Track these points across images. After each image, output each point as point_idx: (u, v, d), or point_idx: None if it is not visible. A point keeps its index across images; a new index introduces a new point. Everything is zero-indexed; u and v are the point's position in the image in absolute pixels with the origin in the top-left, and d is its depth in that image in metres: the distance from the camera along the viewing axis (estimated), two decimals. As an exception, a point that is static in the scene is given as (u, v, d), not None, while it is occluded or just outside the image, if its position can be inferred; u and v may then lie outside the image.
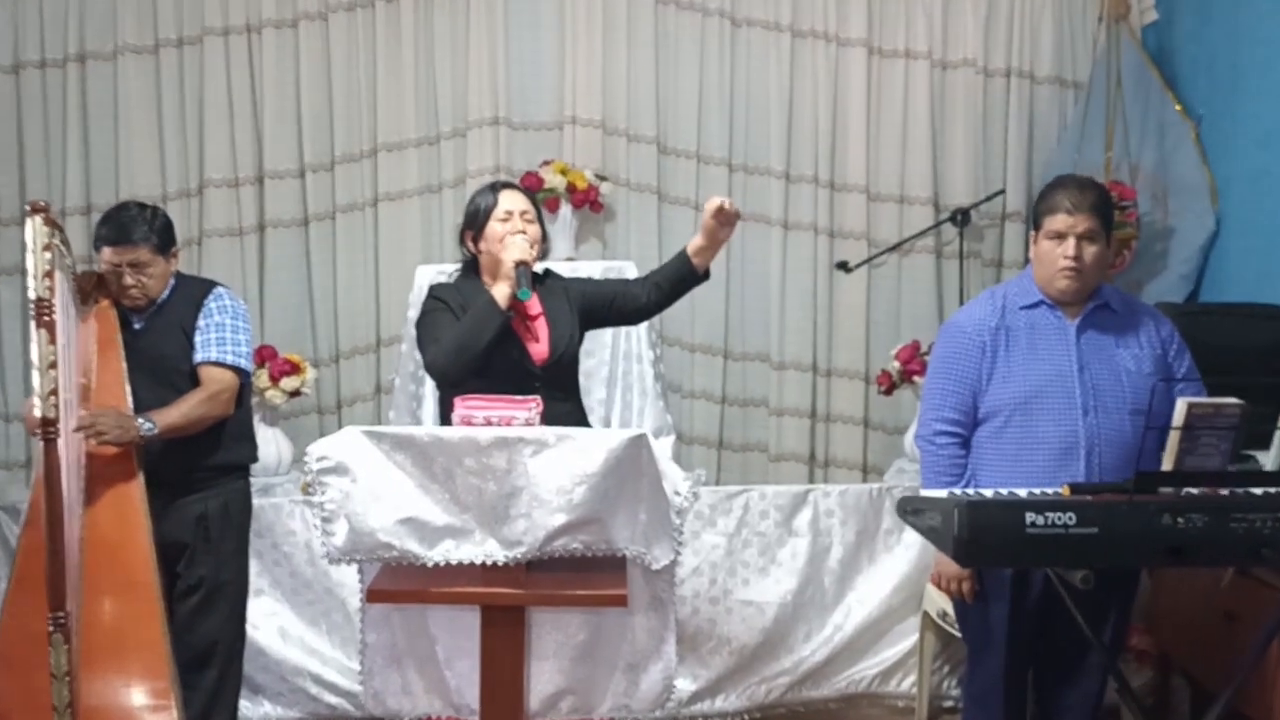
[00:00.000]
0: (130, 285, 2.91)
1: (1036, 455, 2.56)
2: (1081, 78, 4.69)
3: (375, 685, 2.46)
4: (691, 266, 2.81)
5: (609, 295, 2.90)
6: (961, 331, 2.68)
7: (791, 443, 4.80)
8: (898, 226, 4.75)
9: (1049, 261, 2.59)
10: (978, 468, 2.65)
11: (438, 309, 2.78)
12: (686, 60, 4.71)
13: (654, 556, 2.25)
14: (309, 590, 3.60)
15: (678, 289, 2.85)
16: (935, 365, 2.74)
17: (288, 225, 4.68)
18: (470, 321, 2.68)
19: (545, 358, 2.78)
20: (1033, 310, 2.65)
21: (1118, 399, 2.55)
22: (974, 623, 2.72)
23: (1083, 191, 2.55)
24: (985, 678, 2.71)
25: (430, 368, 2.76)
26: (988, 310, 2.68)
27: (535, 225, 2.82)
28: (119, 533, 2.73)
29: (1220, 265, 4.19)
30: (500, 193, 2.85)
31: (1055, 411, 2.56)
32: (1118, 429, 2.54)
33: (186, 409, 2.83)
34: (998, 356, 2.62)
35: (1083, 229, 2.54)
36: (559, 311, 2.84)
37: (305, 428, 4.61)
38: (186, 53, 4.60)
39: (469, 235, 2.87)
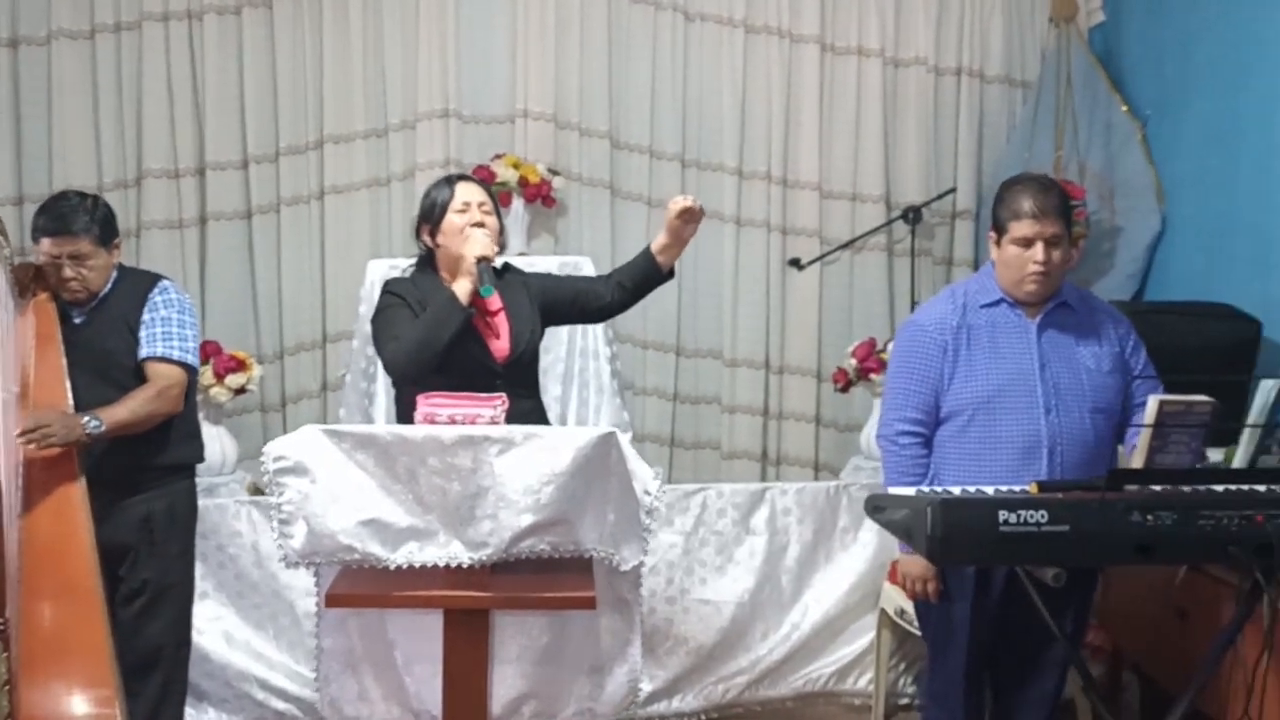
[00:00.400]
0: (70, 278, 2.79)
1: (999, 454, 2.56)
2: (1030, 77, 4.74)
3: (331, 692, 2.40)
4: (656, 265, 2.77)
5: (571, 293, 2.84)
6: (923, 330, 2.66)
7: (744, 440, 4.79)
8: (850, 224, 4.75)
9: (1016, 266, 2.58)
10: (940, 467, 2.63)
11: (395, 305, 2.69)
12: (639, 54, 4.67)
13: (623, 557, 2.22)
14: (255, 593, 3.50)
15: (642, 288, 2.81)
16: (896, 364, 2.72)
17: (230, 218, 4.56)
18: (431, 318, 2.60)
19: (507, 355, 2.72)
20: (993, 309, 2.64)
21: (1078, 397, 2.56)
22: (935, 622, 2.71)
23: (1046, 194, 2.55)
24: (946, 676, 2.69)
25: (389, 365, 2.68)
26: (948, 309, 2.67)
27: (493, 217, 2.75)
28: (59, 535, 2.61)
29: (1166, 264, 4.25)
30: (456, 185, 2.77)
31: (1017, 410, 2.56)
32: (1079, 427, 2.55)
33: (134, 405, 2.72)
34: (959, 355, 2.61)
35: (1050, 234, 2.54)
36: (519, 307, 2.77)
37: (248, 426, 4.49)
38: (124, 38, 4.45)
39: (425, 229, 2.79)
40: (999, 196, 2.65)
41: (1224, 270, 3.85)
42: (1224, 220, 3.88)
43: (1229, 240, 3.84)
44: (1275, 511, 2.09)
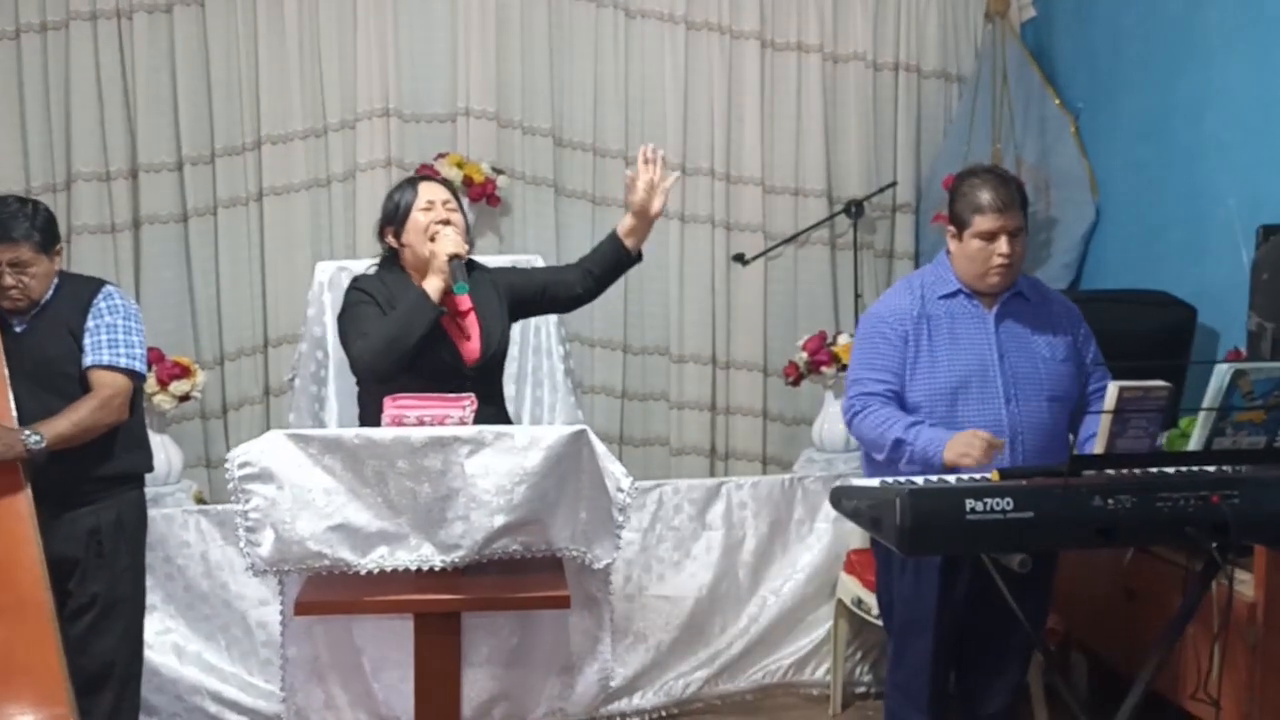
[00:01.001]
0: (10, 286, 2.71)
1: None
2: (965, 72, 4.81)
3: (297, 701, 2.36)
4: (624, 248, 2.77)
5: (540, 284, 2.82)
6: (883, 321, 2.69)
7: (692, 436, 4.80)
8: (793, 218, 4.78)
9: (980, 259, 2.60)
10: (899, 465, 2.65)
11: (363, 302, 2.65)
12: (581, 51, 4.65)
13: (595, 556, 2.21)
14: (205, 604, 3.42)
15: (611, 273, 2.80)
16: (858, 354, 2.74)
17: (165, 221, 4.44)
18: (401, 316, 2.57)
19: (477, 356, 2.68)
20: (951, 300, 2.68)
21: (1036, 386, 2.61)
22: (901, 612, 2.73)
23: (1006, 187, 2.59)
24: (911, 667, 2.72)
25: (357, 363, 2.63)
26: (907, 300, 2.69)
27: (459, 214, 2.72)
28: (5, 550, 2.55)
29: (1100, 254, 4.36)
30: (419, 185, 2.76)
31: (979, 401, 2.60)
32: (1038, 416, 2.60)
33: (77, 418, 2.65)
34: (920, 346, 2.64)
35: (1013, 226, 2.58)
36: (489, 306, 2.75)
37: (189, 434, 4.39)
38: (50, 38, 4.31)
39: (389, 231, 2.75)
40: (956, 190, 2.67)
41: (1158, 259, 3.96)
42: (1157, 210, 3.98)
43: (1162, 230, 3.95)
44: (1229, 492, 2.16)
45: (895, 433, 2.56)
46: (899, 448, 2.56)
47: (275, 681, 3.35)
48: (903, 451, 2.55)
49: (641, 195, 2.71)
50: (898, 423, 2.58)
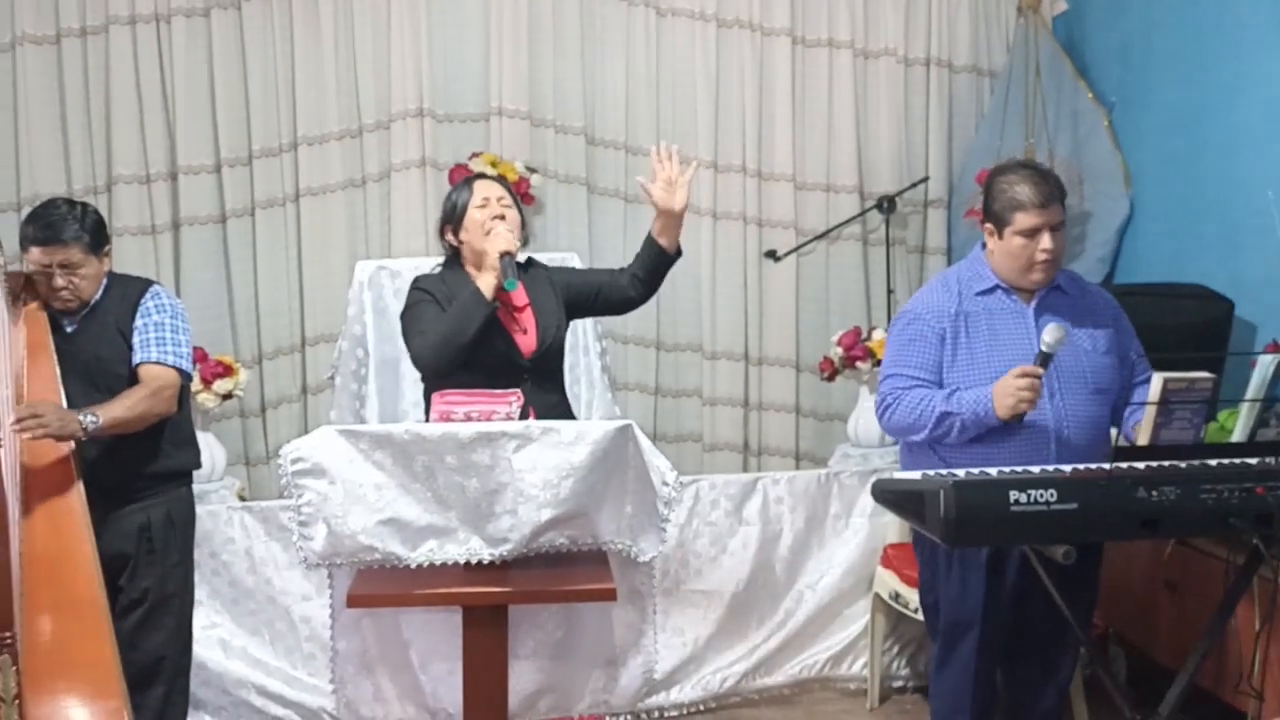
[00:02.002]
0: (61, 287, 2.75)
1: (1007, 442, 2.56)
2: (997, 67, 4.81)
3: (347, 694, 2.39)
4: (660, 248, 2.81)
5: (595, 285, 2.88)
6: (919, 319, 2.66)
7: (725, 432, 4.82)
8: (825, 215, 4.79)
9: (1023, 256, 2.57)
10: (948, 457, 2.63)
11: (423, 301, 2.73)
12: (613, 50, 4.68)
13: (640, 549, 2.23)
14: (250, 599, 3.47)
15: (654, 274, 2.85)
16: (892, 352, 2.72)
17: (204, 222, 4.50)
18: (456, 313, 2.64)
19: (533, 349, 2.75)
20: (988, 296, 2.65)
21: (1080, 379, 2.59)
22: (948, 612, 2.71)
23: (1045, 182, 2.57)
24: (957, 669, 2.70)
25: (416, 360, 2.71)
26: (944, 297, 2.67)
27: (514, 210, 2.79)
28: (60, 546, 2.58)
29: (1134, 248, 4.35)
30: (475, 183, 2.84)
31: None
32: (1083, 409, 2.59)
33: (130, 403, 2.69)
34: (958, 343, 2.62)
35: (1055, 221, 2.56)
36: (545, 301, 2.81)
37: (229, 432, 4.45)
38: (90, 43, 4.38)
39: (448, 229, 2.83)
40: (993, 188, 2.63)
41: (1193, 252, 3.95)
42: (1192, 203, 3.97)
43: (1197, 222, 3.93)
44: (1274, 483, 2.15)
45: (938, 406, 2.54)
46: (945, 420, 2.53)
47: (319, 675, 3.41)
48: (951, 423, 2.53)
49: (661, 194, 2.74)
50: (935, 396, 2.56)
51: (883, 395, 2.68)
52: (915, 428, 2.59)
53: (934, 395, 2.57)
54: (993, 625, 2.64)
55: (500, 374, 2.60)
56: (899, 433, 2.69)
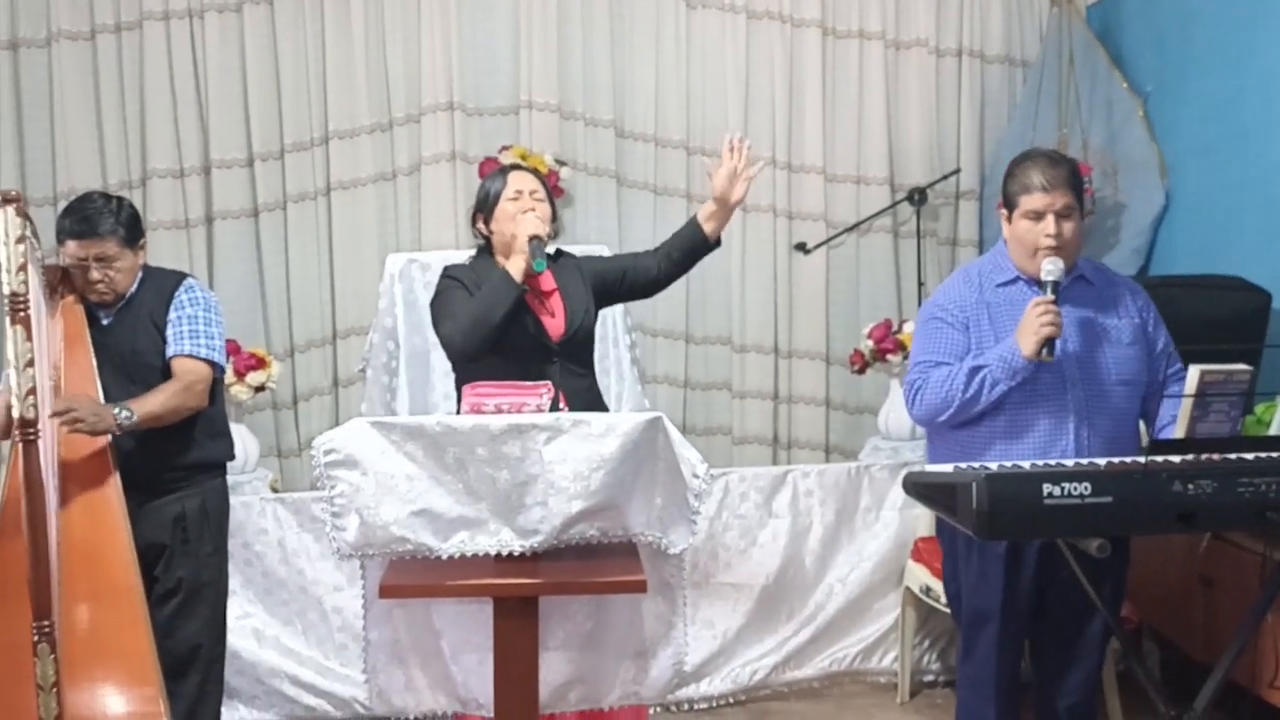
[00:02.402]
0: (97, 280, 2.79)
1: (1027, 431, 2.57)
2: (1030, 57, 4.77)
3: (379, 683, 2.39)
4: (703, 234, 2.81)
5: (620, 269, 2.89)
6: (943, 309, 2.68)
7: (755, 425, 4.81)
8: (855, 207, 4.77)
9: (1028, 240, 2.58)
10: (970, 446, 2.64)
11: (452, 287, 2.76)
12: (642, 43, 4.68)
13: (670, 541, 2.23)
14: (283, 590, 3.50)
15: (689, 258, 2.85)
16: (919, 342, 2.72)
17: (237, 216, 4.54)
18: (485, 296, 2.66)
19: (562, 333, 2.77)
20: (1010, 287, 2.65)
21: (1104, 369, 2.58)
22: (968, 602, 2.71)
23: (1055, 167, 2.56)
24: (981, 657, 2.70)
25: (447, 344, 2.73)
26: (965, 289, 2.68)
27: (545, 203, 2.80)
28: (97, 537, 2.62)
29: (1169, 239, 4.29)
30: (509, 174, 2.84)
31: (1045, 386, 2.57)
32: (1106, 400, 2.57)
33: (164, 398, 2.73)
34: (982, 333, 2.62)
35: (1060, 205, 2.54)
36: (573, 287, 2.83)
37: (261, 424, 4.49)
38: (125, 38, 4.43)
39: (480, 218, 2.85)
40: (1008, 173, 2.65)
41: (1230, 243, 3.90)
42: (1228, 194, 3.92)
43: (1234, 214, 3.88)
44: (1313, 477, 2.12)
45: (964, 367, 2.54)
46: (974, 376, 2.53)
47: (350, 665, 3.44)
48: (981, 378, 2.52)
49: (723, 183, 2.74)
50: (961, 363, 2.57)
51: (910, 381, 2.68)
52: (947, 401, 2.57)
53: (958, 367, 2.58)
54: (1012, 616, 2.63)
55: (529, 357, 2.62)
56: (930, 414, 2.65)
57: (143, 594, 2.61)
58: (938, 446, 2.74)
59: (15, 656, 2.34)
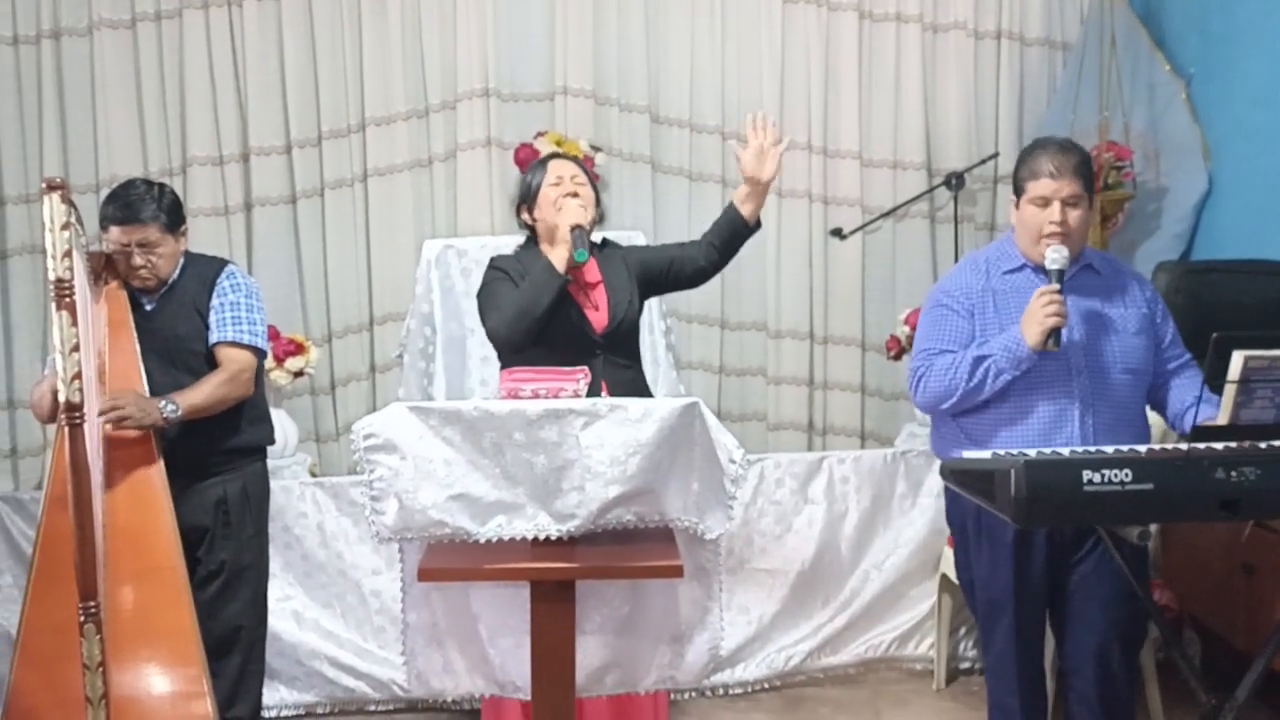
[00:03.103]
0: (140, 266, 2.83)
1: (1031, 418, 2.56)
2: (1070, 39, 4.70)
3: (418, 665, 2.42)
4: (741, 218, 2.81)
5: (667, 259, 2.90)
6: (948, 295, 2.67)
7: (790, 411, 4.80)
8: (891, 192, 4.74)
9: (1033, 227, 2.56)
10: (972, 432, 2.63)
11: (498, 278, 2.78)
12: (677, 27, 4.66)
13: (707, 526, 2.23)
14: (322, 573, 3.55)
15: (731, 244, 2.86)
16: (923, 329, 2.72)
17: (275, 203, 4.57)
18: (528, 287, 2.68)
19: (605, 325, 2.78)
20: (1016, 274, 2.64)
21: (1109, 358, 2.57)
22: (981, 593, 2.70)
23: (1065, 155, 2.54)
24: (998, 650, 2.69)
25: (492, 336, 2.76)
26: (971, 276, 2.67)
27: (587, 188, 2.82)
28: (141, 519, 2.67)
29: (1213, 224, 4.23)
30: (550, 163, 2.87)
31: (1049, 373, 2.55)
32: (1110, 388, 2.55)
33: (209, 390, 2.77)
34: (986, 319, 2.61)
35: (1067, 193, 2.52)
36: (618, 278, 2.84)
37: (299, 409, 4.53)
38: (165, 27, 4.46)
39: (523, 209, 2.86)
40: (1019, 159, 2.65)
41: (1275, 228, 3.84)
42: (1273, 177, 3.86)
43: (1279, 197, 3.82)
44: (1359, 464, 2.09)
45: (969, 356, 2.54)
46: (979, 366, 2.52)
47: (389, 648, 3.47)
48: (985, 367, 2.52)
49: (751, 161, 2.74)
50: (964, 352, 2.56)
51: (914, 369, 2.68)
52: (950, 389, 2.57)
53: (961, 355, 2.57)
54: (1026, 605, 2.61)
55: (573, 349, 2.63)
56: (933, 401, 2.64)
57: (185, 575, 2.66)
58: (942, 434, 2.73)
59: (63, 636, 2.39)
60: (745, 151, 2.77)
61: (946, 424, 2.69)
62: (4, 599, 3.50)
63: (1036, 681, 2.71)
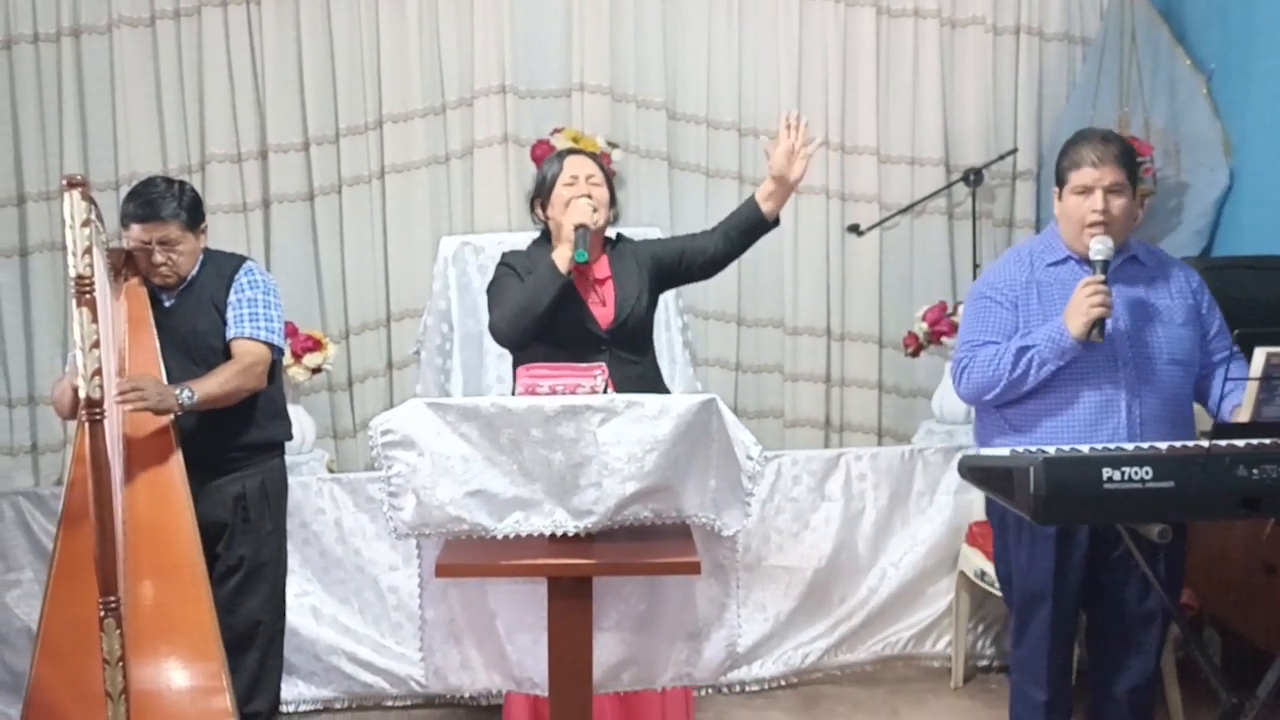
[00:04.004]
0: (160, 263, 2.84)
1: (1076, 408, 2.56)
2: (1090, 34, 4.67)
3: (435, 661, 2.42)
4: (761, 214, 2.80)
5: (677, 251, 2.89)
6: (992, 288, 2.67)
7: (806, 408, 4.79)
8: (909, 188, 4.72)
9: (1076, 217, 2.57)
10: (1017, 422, 2.63)
11: (506, 275, 2.78)
12: (694, 24, 4.65)
13: (724, 523, 2.23)
14: (339, 569, 3.56)
15: (748, 237, 2.84)
16: (967, 321, 2.73)
17: (293, 200, 4.59)
18: (530, 285, 2.68)
19: (611, 321, 2.77)
20: (1060, 266, 2.64)
21: (1155, 349, 2.56)
22: (1019, 584, 2.70)
23: (1106, 144, 2.55)
24: (1032, 640, 2.68)
25: (493, 331, 2.76)
26: (1015, 269, 2.68)
27: (601, 188, 2.80)
28: (161, 514, 2.68)
29: (1234, 220, 4.20)
30: (566, 159, 2.84)
31: (1095, 363, 2.55)
32: (1156, 379, 2.55)
33: (223, 379, 2.78)
34: (1031, 311, 2.61)
35: (1109, 182, 2.53)
36: (627, 275, 2.83)
37: (317, 405, 4.54)
38: (184, 24, 4.48)
39: (537, 204, 2.85)
40: (1061, 150, 2.65)
41: (1296, 224, 3.81)
42: (1296, 174, 3.83)
43: (1303, 194, 3.80)
44: (1383, 462, 2.07)
45: (1012, 347, 2.54)
46: (1022, 356, 2.53)
47: (406, 644, 3.48)
48: (1029, 357, 2.52)
49: (781, 161, 2.73)
50: (1008, 342, 2.57)
51: (957, 359, 2.69)
52: (993, 380, 2.57)
53: (1005, 345, 2.58)
54: (1064, 596, 2.61)
55: (578, 346, 2.62)
56: (976, 392, 2.65)
57: (205, 571, 2.67)
58: (985, 424, 2.73)
59: (83, 631, 2.40)
60: (776, 150, 2.76)
61: (990, 414, 2.70)
62: (25, 594, 3.52)
63: (1066, 677, 2.71)
